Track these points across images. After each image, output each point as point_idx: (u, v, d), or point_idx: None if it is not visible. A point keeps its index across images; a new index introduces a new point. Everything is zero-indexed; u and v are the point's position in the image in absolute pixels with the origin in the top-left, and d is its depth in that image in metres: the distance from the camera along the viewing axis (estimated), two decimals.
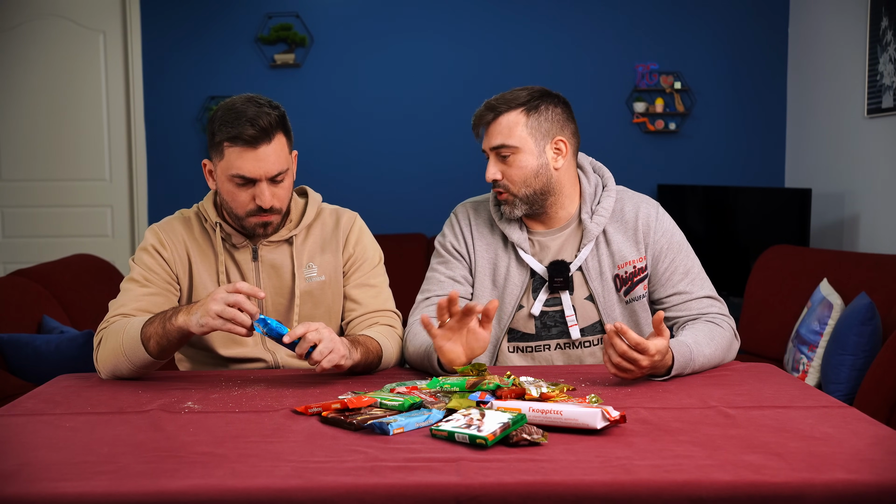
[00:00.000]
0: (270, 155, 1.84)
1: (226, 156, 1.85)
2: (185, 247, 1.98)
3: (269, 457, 1.31)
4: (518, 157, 1.94)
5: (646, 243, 2.00)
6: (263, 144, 1.83)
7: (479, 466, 1.26)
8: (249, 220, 1.90)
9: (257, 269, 1.99)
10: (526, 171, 1.94)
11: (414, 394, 1.59)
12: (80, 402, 1.65)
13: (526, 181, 1.95)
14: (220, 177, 1.89)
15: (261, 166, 1.84)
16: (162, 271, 1.95)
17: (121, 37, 5.03)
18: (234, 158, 1.84)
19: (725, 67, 5.04)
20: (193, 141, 5.03)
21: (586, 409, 1.40)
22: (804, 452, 1.31)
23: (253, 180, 1.85)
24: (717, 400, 1.61)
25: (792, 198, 4.28)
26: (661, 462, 1.27)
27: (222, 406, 1.61)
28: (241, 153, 1.83)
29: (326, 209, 2.08)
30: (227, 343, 1.98)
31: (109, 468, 1.27)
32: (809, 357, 3.23)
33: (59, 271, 3.72)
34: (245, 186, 1.86)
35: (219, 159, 1.87)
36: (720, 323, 1.95)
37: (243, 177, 1.85)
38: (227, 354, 1.99)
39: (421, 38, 5.05)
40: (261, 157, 1.83)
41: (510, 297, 2.01)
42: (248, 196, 1.87)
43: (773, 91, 5.03)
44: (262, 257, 1.99)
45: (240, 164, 1.84)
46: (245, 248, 1.98)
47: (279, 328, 1.69)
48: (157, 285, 1.93)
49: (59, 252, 4.57)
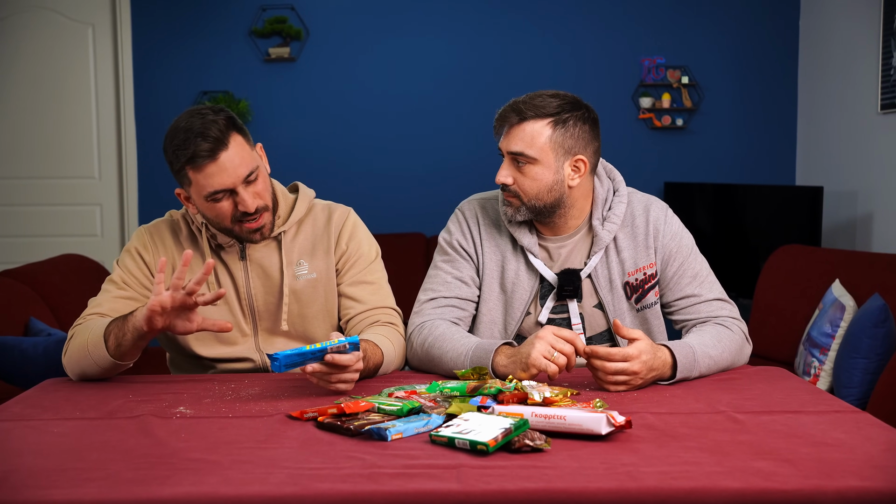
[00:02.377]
0: (234, 159, 1.85)
1: (193, 180, 1.86)
2: (171, 250, 2.00)
3: (264, 463, 1.32)
4: (534, 168, 1.92)
5: (655, 247, 2.01)
6: (222, 152, 1.84)
7: (480, 473, 1.26)
8: (241, 228, 1.92)
9: (246, 269, 2.00)
10: (540, 184, 1.93)
11: (413, 398, 1.59)
12: (68, 407, 1.65)
13: (538, 195, 1.94)
14: (197, 201, 1.90)
15: (229, 175, 1.85)
16: (141, 275, 1.97)
17: (110, 30, 5.03)
18: (201, 179, 1.85)
19: (734, 61, 5.04)
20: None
21: (591, 414, 1.41)
22: (815, 459, 1.31)
23: (228, 190, 1.86)
24: (726, 404, 1.61)
25: (803, 196, 4.28)
26: (667, 469, 1.28)
27: (215, 411, 1.61)
28: (205, 171, 1.84)
29: (318, 205, 2.08)
30: (210, 343, 1.99)
31: (99, 475, 1.27)
32: (821, 360, 3.23)
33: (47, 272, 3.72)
34: (224, 199, 1.88)
35: (188, 185, 1.89)
36: (729, 326, 1.95)
37: (218, 191, 1.86)
38: (212, 355, 1.99)
39: (420, 31, 5.05)
40: (225, 167, 1.84)
41: (518, 304, 2.01)
42: (228, 206, 1.89)
43: (783, 85, 5.03)
44: (249, 256, 2.00)
45: (208, 181, 1.85)
46: (232, 247, 2.00)
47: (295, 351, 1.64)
48: (134, 289, 1.96)
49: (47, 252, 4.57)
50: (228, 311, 1.99)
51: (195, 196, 1.89)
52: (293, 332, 2.02)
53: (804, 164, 4.98)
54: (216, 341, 1.99)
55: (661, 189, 4.98)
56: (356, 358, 1.66)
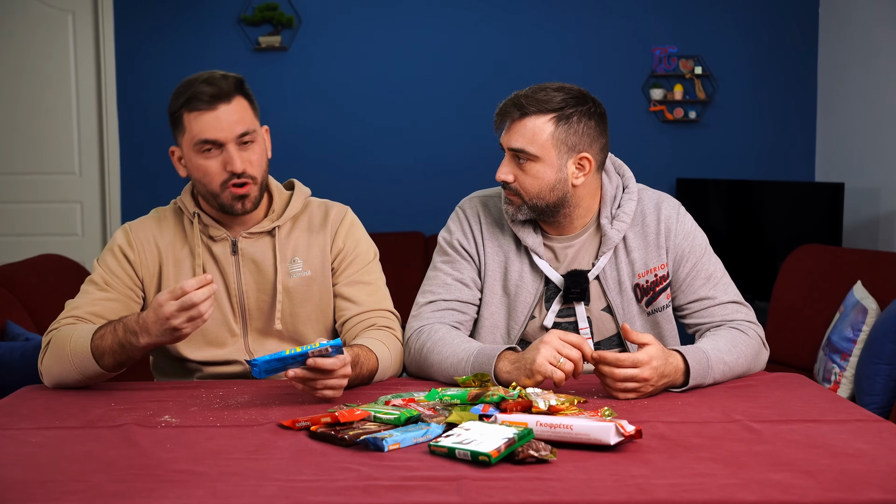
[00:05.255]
0: (232, 114, 1.90)
1: (186, 126, 1.92)
2: (157, 249, 2.01)
3: (254, 475, 1.32)
4: (535, 165, 1.92)
5: (666, 247, 2.00)
6: (222, 104, 1.90)
7: (481, 486, 1.26)
8: (225, 193, 1.93)
9: (237, 264, 2.01)
10: (541, 182, 1.93)
11: (411, 406, 1.59)
12: (47, 416, 1.65)
13: (540, 193, 1.94)
14: (187, 154, 1.95)
15: (223, 126, 1.89)
16: (124, 275, 1.98)
17: (91, 17, 5.03)
18: (194, 124, 1.91)
19: (750, 50, 5.04)
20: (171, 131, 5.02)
21: (599, 424, 1.41)
22: (836, 471, 1.31)
23: (220, 144, 1.90)
24: (742, 413, 1.61)
25: (823, 193, 4.28)
26: (680, 481, 1.28)
27: (202, 420, 1.61)
28: (200, 117, 1.90)
29: (314, 202, 2.10)
30: (199, 345, 2.00)
31: (79, 487, 1.28)
32: (842, 366, 3.23)
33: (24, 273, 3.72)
34: (213, 154, 1.92)
35: (182, 134, 1.94)
36: (745, 330, 1.95)
37: (208, 140, 1.90)
38: (199, 358, 2.00)
39: (418, 18, 5.05)
40: (221, 118, 1.90)
41: (522, 307, 2.01)
42: (218, 165, 1.92)
43: (802, 75, 5.03)
44: (241, 250, 2.00)
45: (200, 127, 1.90)
46: (224, 240, 2.00)
47: (275, 356, 1.66)
48: (117, 290, 1.97)
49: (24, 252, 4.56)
50: (217, 308, 2.00)
51: (186, 147, 1.94)
52: (285, 333, 2.02)
53: (824, 159, 4.98)
54: (204, 343, 2.00)
55: (672, 186, 4.98)
56: (341, 362, 1.66)
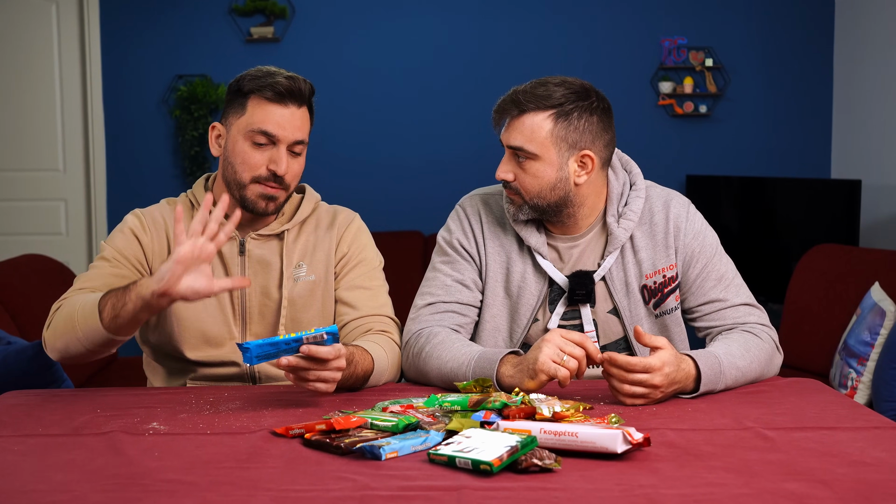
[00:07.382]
0: (297, 118, 1.95)
1: (250, 109, 1.94)
2: (167, 238, 2.03)
3: (245, 485, 1.32)
4: (535, 164, 1.92)
5: (675, 247, 2.00)
6: (293, 105, 1.94)
7: (483, 496, 1.26)
8: (254, 187, 1.95)
9: (243, 265, 2.03)
10: (541, 181, 1.93)
11: (409, 413, 1.59)
12: (30, 423, 1.65)
13: (540, 193, 1.94)
14: (234, 136, 1.96)
15: (286, 126, 1.93)
16: (134, 255, 2.01)
17: (76, 6, 5.03)
18: (259, 112, 1.93)
19: (763, 41, 5.04)
20: (159, 126, 5.03)
21: (605, 431, 1.41)
22: (853, 480, 1.31)
23: (274, 141, 1.93)
24: (755, 420, 1.61)
25: (839, 190, 4.28)
26: (690, 491, 1.28)
27: (192, 427, 1.61)
28: (268, 107, 1.93)
29: (323, 207, 2.14)
30: (197, 344, 2.01)
31: (63, 497, 1.27)
32: (859, 371, 3.23)
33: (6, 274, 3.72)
34: (263, 148, 1.94)
35: (239, 115, 1.95)
36: (758, 333, 1.95)
37: (266, 133, 1.93)
38: (198, 357, 2.02)
39: (416, 8, 5.06)
40: (287, 117, 1.93)
41: (525, 309, 2.01)
42: (262, 159, 1.94)
43: (817, 68, 5.03)
44: (249, 252, 2.03)
45: (264, 117, 1.92)
46: (232, 239, 2.03)
47: (268, 340, 1.67)
48: (128, 267, 1.99)
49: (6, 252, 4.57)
50: (218, 308, 2.02)
51: (237, 130, 1.95)
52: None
53: (840, 155, 4.98)
54: (203, 342, 2.02)
55: (682, 183, 4.98)
56: (336, 352, 1.67)
